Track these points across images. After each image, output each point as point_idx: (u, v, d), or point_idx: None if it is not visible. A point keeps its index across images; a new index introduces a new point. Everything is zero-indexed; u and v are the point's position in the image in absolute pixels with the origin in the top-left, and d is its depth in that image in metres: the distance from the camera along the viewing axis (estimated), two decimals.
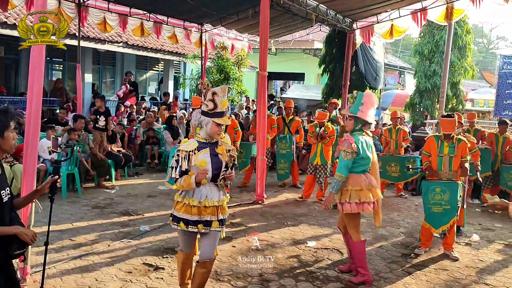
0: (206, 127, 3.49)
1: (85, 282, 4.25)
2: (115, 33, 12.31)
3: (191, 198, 3.51)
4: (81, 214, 6.44)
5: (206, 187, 3.54)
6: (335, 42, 13.69)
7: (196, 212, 3.51)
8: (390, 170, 8.36)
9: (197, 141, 3.53)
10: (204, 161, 3.45)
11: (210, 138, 3.52)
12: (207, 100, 3.49)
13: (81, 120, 8.21)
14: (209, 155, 3.49)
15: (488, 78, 21.82)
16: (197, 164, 3.44)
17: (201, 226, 3.53)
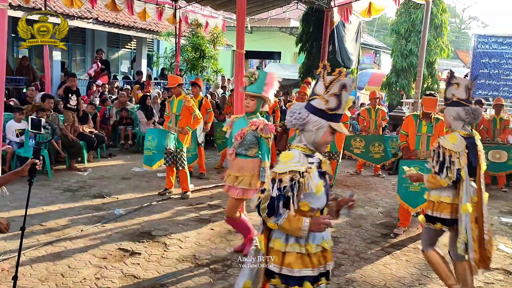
0: (316, 132, 2.33)
1: (57, 269, 4.06)
2: (85, 8, 11.76)
3: (308, 242, 2.34)
4: (52, 198, 6.17)
5: None
6: (312, 20, 13.47)
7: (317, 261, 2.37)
8: (374, 150, 8.10)
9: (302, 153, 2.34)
10: (321, 186, 2.31)
11: (315, 149, 2.40)
12: (329, 94, 2.32)
13: (49, 100, 7.84)
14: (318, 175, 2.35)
15: (462, 57, 22.08)
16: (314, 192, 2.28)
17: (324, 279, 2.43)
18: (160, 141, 6.15)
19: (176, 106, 6.37)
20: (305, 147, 2.36)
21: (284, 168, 2.24)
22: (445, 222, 3.57)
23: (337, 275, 4.26)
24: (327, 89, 2.33)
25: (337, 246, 5.01)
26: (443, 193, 3.57)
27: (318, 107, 2.33)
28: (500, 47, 12.59)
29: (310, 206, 2.30)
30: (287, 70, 17.50)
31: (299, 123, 2.35)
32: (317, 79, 2.41)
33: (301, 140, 2.38)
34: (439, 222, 3.59)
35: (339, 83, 2.31)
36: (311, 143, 2.36)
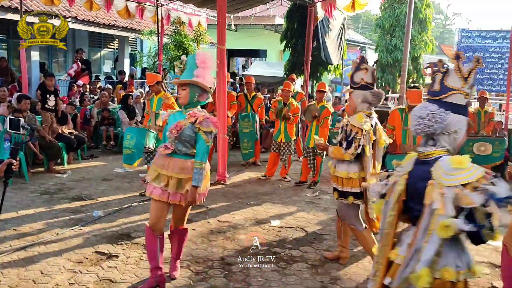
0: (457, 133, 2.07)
1: (29, 276, 3.87)
2: (63, 7, 11.50)
3: None
4: (28, 202, 5.96)
5: None
6: (296, 16, 13.39)
7: None
8: None
9: None
10: None
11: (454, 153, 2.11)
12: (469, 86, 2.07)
13: (26, 101, 7.60)
14: None
15: (447, 52, 22.18)
16: None
17: None
18: (138, 139, 5.98)
19: (155, 104, 6.21)
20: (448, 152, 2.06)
21: None
22: (357, 195, 3.95)
23: (321, 273, 4.14)
24: (466, 81, 2.05)
25: (322, 243, 4.90)
26: (350, 169, 3.93)
27: (459, 104, 2.05)
28: (484, 41, 12.63)
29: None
30: (273, 67, 17.40)
31: (442, 127, 2.05)
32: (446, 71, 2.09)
33: (443, 145, 2.06)
34: (351, 196, 3.96)
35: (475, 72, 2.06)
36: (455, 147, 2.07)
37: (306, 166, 7.42)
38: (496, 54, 12.46)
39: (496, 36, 12.44)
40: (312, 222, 5.61)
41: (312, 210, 6.12)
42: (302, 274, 4.11)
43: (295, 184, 7.43)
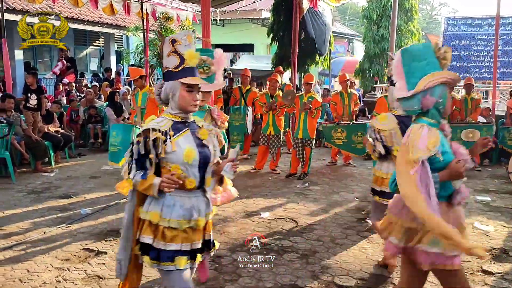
0: (173, 96, 2.33)
1: (15, 275, 3.81)
2: (46, 4, 11.33)
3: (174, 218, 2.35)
4: (14, 201, 5.87)
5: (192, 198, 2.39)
6: (283, 9, 13.31)
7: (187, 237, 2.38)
8: (357, 140, 7.38)
9: (169, 119, 2.36)
10: (191, 150, 2.31)
11: (183, 113, 2.36)
12: (168, 54, 2.33)
13: (10, 100, 7.49)
14: (193, 141, 2.36)
15: (434, 41, 22.31)
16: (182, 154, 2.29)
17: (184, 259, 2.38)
18: (124, 136, 5.93)
19: (140, 99, 6.15)
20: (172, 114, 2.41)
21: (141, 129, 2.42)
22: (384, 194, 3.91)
23: (312, 262, 4.13)
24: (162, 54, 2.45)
25: (312, 233, 4.89)
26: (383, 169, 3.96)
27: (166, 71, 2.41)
28: (470, 29, 12.68)
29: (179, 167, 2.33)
30: (260, 61, 17.32)
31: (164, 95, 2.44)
32: None
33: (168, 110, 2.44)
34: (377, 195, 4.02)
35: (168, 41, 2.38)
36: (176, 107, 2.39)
37: (295, 157, 7.40)
38: (482, 42, 12.52)
39: (481, 23, 12.49)
40: (302, 213, 5.60)
41: (302, 201, 6.11)
42: (292, 264, 4.10)
43: (286, 177, 7.41)
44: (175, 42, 2.33)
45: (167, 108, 2.43)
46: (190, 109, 2.35)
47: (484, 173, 7.99)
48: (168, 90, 2.35)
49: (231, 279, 3.80)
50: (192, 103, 2.33)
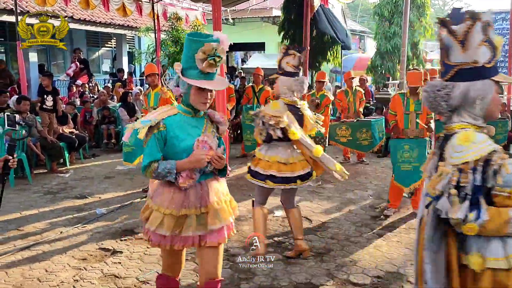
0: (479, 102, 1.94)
1: (34, 274, 3.87)
2: (58, 7, 11.45)
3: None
4: (31, 202, 5.96)
5: None
6: (293, 7, 13.30)
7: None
8: (361, 137, 7.36)
9: None
10: None
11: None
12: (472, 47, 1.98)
13: (25, 102, 7.57)
14: None
15: None
16: None
17: None
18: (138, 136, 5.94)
19: (153, 99, 6.17)
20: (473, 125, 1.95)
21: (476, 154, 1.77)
22: None
23: (327, 260, 4.12)
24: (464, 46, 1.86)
25: (326, 231, 4.88)
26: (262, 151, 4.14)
27: None
28: None
29: None
30: (272, 59, 17.22)
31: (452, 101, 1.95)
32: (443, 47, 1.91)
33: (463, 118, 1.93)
34: None
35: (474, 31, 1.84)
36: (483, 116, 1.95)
37: None
38: None
39: (495, 18, 12.32)
40: (316, 211, 5.59)
41: (315, 199, 6.09)
42: (307, 262, 4.09)
43: None
44: None
45: None
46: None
47: None
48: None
49: (246, 277, 3.81)
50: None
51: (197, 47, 2.33)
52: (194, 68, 2.38)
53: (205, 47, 2.32)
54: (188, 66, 2.42)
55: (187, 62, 2.42)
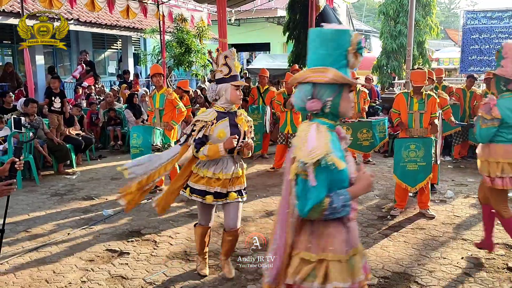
0: (225, 94, 3.42)
1: (42, 276, 3.90)
2: (65, 9, 11.52)
3: (206, 169, 3.50)
4: (39, 203, 6.00)
5: (222, 159, 3.49)
6: (299, 7, 13.28)
7: (205, 183, 3.50)
8: (362, 137, 7.21)
9: (216, 111, 3.47)
10: (223, 132, 3.41)
11: (230, 105, 3.48)
12: (220, 66, 3.44)
13: (33, 104, 7.63)
14: (228, 125, 3.45)
15: (452, 36, 21.89)
16: (215, 135, 3.40)
17: (210, 197, 3.52)
18: (145, 138, 5.97)
19: (158, 101, 6.19)
20: (221, 106, 3.49)
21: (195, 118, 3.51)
22: None
23: None
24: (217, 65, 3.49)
25: None
26: None
27: (219, 77, 3.46)
28: (490, 22, 12.43)
29: None
30: (277, 60, 17.29)
31: (214, 94, 3.50)
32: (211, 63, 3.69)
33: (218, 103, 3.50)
34: None
35: (222, 56, 3.44)
36: (226, 102, 3.46)
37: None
38: (503, 35, 12.25)
39: (502, 16, 12.23)
40: None
41: None
42: None
43: None
44: (227, 57, 3.43)
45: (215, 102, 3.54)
46: (237, 101, 3.50)
47: None
48: (221, 89, 3.44)
49: (253, 278, 3.81)
50: (239, 97, 3.49)
51: (347, 39, 1.92)
52: (345, 66, 1.95)
53: (354, 38, 1.92)
54: (339, 65, 1.92)
55: (337, 60, 1.92)
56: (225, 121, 3.45)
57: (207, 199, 3.52)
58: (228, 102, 3.45)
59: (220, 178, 3.48)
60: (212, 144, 3.40)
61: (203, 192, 3.51)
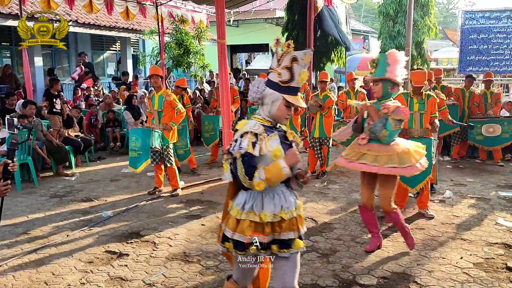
0: (271, 105, 2.47)
1: (41, 277, 3.89)
2: (63, 11, 11.51)
3: (263, 212, 2.44)
4: (38, 205, 5.99)
5: (277, 192, 2.49)
6: (297, 8, 13.32)
7: (270, 230, 2.46)
8: None
9: (259, 123, 2.47)
10: (279, 149, 2.41)
11: (273, 122, 2.52)
12: (281, 67, 2.44)
13: (31, 106, 7.63)
14: (280, 143, 2.47)
15: (451, 36, 21.91)
16: (271, 154, 2.39)
17: (276, 247, 2.49)
18: (144, 140, 5.96)
19: (157, 103, 6.19)
20: (263, 118, 2.52)
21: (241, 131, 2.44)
22: None
23: (332, 261, 4.12)
24: (278, 63, 2.46)
25: (332, 232, 4.87)
26: None
27: (272, 80, 2.47)
28: (488, 22, 12.45)
29: None
30: None
31: (257, 96, 2.51)
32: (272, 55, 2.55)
33: (260, 113, 2.54)
34: None
35: (289, 57, 2.43)
36: (268, 115, 2.51)
37: (313, 156, 7.40)
38: (501, 35, 12.28)
39: (500, 16, 12.25)
40: (322, 212, 5.58)
41: (321, 200, 6.09)
42: (313, 263, 4.09)
43: None
44: (295, 60, 2.43)
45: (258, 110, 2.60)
46: (283, 121, 2.54)
47: (507, 168, 7.83)
48: (268, 96, 2.49)
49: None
50: (286, 116, 2.52)
51: None
52: None
53: None
54: None
55: None
56: (275, 136, 2.47)
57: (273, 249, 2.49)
58: (270, 116, 2.50)
59: (284, 218, 2.47)
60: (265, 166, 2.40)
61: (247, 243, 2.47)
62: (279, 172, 2.36)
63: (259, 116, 2.53)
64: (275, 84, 2.46)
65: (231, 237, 2.46)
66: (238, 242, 2.45)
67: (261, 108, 2.53)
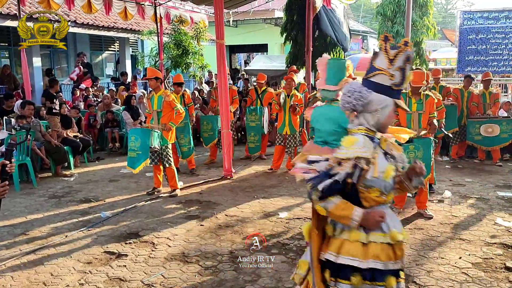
0: (381, 111, 2.10)
1: (39, 278, 3.89)
2: (62, 11, 11.50)
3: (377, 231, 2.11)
4: (36, 206, 5.98)
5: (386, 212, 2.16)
6: (296, 8, 13.29)
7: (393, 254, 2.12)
8: None
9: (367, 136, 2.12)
10: (392, 169, 2.12)
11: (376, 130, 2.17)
12: (395, 68, 2.08)
13: (29, 106, 7.62)
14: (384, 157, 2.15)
15: (450, 37, 21.94)
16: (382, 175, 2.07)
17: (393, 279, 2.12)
18: (143, 140, 5.95)
19: (156, 103, 6.18)
20: (366, 128, 2.13)
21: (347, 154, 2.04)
22: None
23: None
24: (391, 62, 2.08)
25: None
26: None
27: (381, 83, 2.10)
28: (486, 22, 12.45)
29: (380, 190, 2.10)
30: (274, 61, 17.28)
31: (360, 103, 2.10)
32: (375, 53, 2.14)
33: (361, 123, 2.14)
34: None
35: (403, 55, 2.07)
36: (374, 123, 2.13)
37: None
38: (500, 35, 12.28)
39: (498, 16, 12.26)
40: None
41: None
42: None
43: None
44: (408, 60, 2.11)
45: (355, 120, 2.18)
46: (387, 130, 2.23)
47: (506, 168, 7.84)
48: (375, 102, 2.11)
49: (251, 279, 3.80)
50: (392, 123, 2.29)
51: None
52: None
53: None
54: None
55: None
56: (378, 150, 2.14)
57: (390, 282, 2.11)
58: (377, 125, 2.14)
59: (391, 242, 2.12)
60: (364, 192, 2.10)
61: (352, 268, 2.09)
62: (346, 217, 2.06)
63: (362, 126, 2.14)
64: (386, 88, 2.10)
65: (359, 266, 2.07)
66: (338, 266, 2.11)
67: (361, 116, 2.14)
